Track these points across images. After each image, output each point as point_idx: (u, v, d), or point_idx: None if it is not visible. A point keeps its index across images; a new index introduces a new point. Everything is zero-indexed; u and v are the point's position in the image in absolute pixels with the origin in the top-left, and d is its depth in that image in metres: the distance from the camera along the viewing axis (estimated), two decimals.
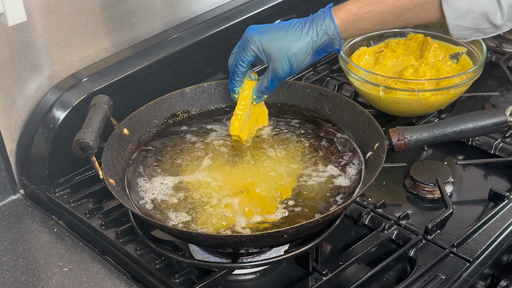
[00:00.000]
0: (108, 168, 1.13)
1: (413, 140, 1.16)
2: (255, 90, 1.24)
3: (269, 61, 1.19)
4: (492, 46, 1.75)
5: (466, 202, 1.31)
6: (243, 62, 1.20)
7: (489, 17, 1.15)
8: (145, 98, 1.30)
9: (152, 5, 1.49)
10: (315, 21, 1.17)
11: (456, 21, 1.17)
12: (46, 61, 1.34)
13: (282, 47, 1.16)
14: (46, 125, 1.32)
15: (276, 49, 1.16)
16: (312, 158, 1.21)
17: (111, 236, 1.20)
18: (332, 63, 1.69)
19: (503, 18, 1.15)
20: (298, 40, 1.16)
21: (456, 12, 1.15)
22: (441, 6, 1.15)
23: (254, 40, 1.17)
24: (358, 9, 1.16)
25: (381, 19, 1.17)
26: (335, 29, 1.16)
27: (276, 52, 1.17)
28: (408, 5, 1.16)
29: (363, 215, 1.23)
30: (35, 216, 1.30)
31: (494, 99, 1.54)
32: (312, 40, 1.16)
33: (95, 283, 1.14)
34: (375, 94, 1.44)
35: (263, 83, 1.22)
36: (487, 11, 1.14)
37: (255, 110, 1.27)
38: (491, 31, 1.18)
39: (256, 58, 1.20)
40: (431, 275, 1.10)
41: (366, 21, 1.17)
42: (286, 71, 1.18)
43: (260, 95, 1.24)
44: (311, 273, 1.12)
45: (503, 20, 1.15)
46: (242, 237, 1.01)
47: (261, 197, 1.13)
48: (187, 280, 1.11)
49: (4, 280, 1.15)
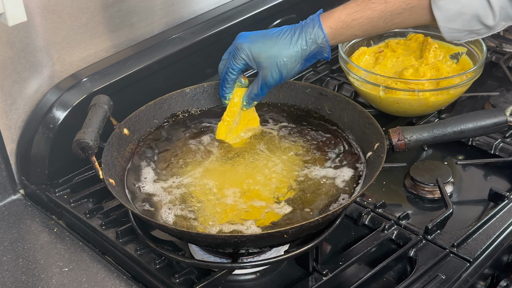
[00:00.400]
0: (108, 168, 1.13)
1: (413, 140, 1.16)
2: (245, 97, 1.25)
3: (259, 69, 1.19)
4: (492, 46, 1.75)
5: (466, 202, 1.31)
6: (233, 70, 1.21)
7: (481, 19, 1.14)
8: (145, 98, 1.30)
9: (152, 5, 1.49)
10: (304, 29, 1.16)
11: (447, 24, 1.16)
12: (46, 61, 1.34)
13: (271, 56, 1.17)
14: (46, 125, 1.32)
15: (266, 58, 1.17)
16: (312, 158, 1.21)
17: (111, 236, 1.20)
18: (332, 63, 1.69)
19: (495, 19, 1.14)
20: (288, 49, 1.16)
21: (447, 15, 1.15)
22: (431, 9, 1.15)
23: (244, 48, 1.17)
24: (346, 16, 1.16)
25: (370, 25, 1.17)
26: (324, 38, 1.16)
27: (266, 60, 1.17)
28: (397, 10, 1.16)
29: (363, 215, 1.23)
30: (35, 216, 1.30)
31: (494, 99, 1.53)
32: (302, 48, 1.16)
33: (95, 283, 1.14)
34: (375, 94, 1.44)
35: (253, 90, 1.23)
36: (478, 13, 1.14)
37: (245, 116, 1.28)
38: (485, 31, 1.18)
39: (246, 66, 1.21)
40: (431, 275, 1.10)
41: (355, 27, 1.17)
42: (275, 79, 1.19)
43: (250, 101, 1.25)
44: (311, 273, 1.12)
45: (495, 21, 1.14)
46: (242, 237, 1.01)
47: (260, 196, 1.13)
48: (187, 280, 1.11)
49: (4, 280, 1.15)
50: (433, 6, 1.14)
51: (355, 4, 1.16)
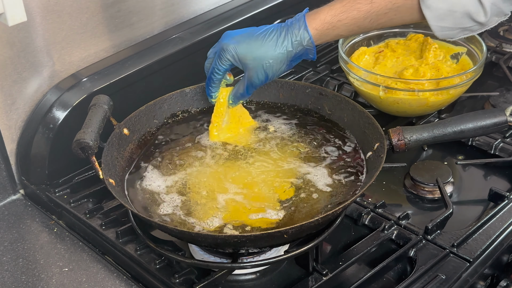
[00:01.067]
0: (108, 168, 1.13)
1: (413, 140, 1.16)
2: (231, 96, 1.25)
3: (245, 69, 1.20)
4: (492, 46, 1.75)
5: (466, 202, 1.31)
6: (219, 70, 1.21)
7: (472, 16, 1.14)
8: (145, 98, 1.30)
9: (152, 5, 1.49)
10: (290, 30, 1.16)
11: (438, 23, 1.16)
12: (46, 61, 1.34)
13: (257, 58, 1.17)
14: (46, 125, 1.32)
15: (252, 59, 1.17)
16: (312, 158, 1.21)
17: (111, 236, 1.20)
18: (332, 63, 1.69)
19: (487, 16, 1.14)
20: (274, 51, 1.16)
21: (437, 14, 1.14)
22: (419, 8, 1.15)
23: (229, 49, 1.17)
24: (332, 17, 1.16)
25: (355, 25, 1.17)
26: (310, 40, 1.16)
27: (252, 62, 1.17)
28: (383, 10, 1.16)
29: (363, 215, 1.23)
30: (35, 216, 1.31)
31: (494, 99, 1.53)
32: (287, 50, 1.17)
33: (95, 283, 1.14)
34: (375, 94, 1.44)
35: (239, 90, 1.23)
36: (468, 10, 1.13)
37: (234, 113, 1.28)
38: (478, 28, 1.17)
39: (232, 66, 1.21)
40: (431, 275, 1.10)
41: (340, 28, 1.17)
42: (261, 79, 1.20)
43: (236, 100, 1.25)
44: (311, 273, 1.12)
45: (487, 17, 1.14)
46: (242, 237, 1.01)
47: (260, 196, 1.13)
48: (187, 280, 1.11)
49: (4, 280, 1.15)
50: (422, 6, 1.14)
51: (340, 5, 1.16)
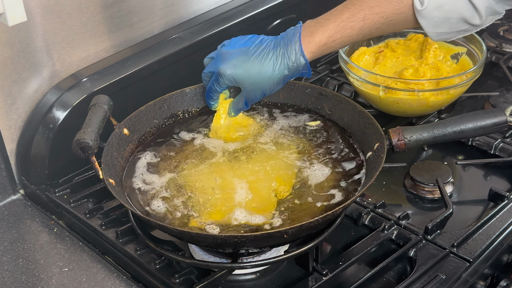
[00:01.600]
0: (108, 168, 1.13)
1: (413, 140, 1.16)
2: (231, 109, 1.30)
3: (243, 89, 1.24)
4: (492, 46, 1.75)
5: (466, 202, 1.31)
6: (216, 91, 1.26)
7: (467, 20, 1.17)
8: (145, 98, 1.30)
9: (152, 5, 1.49)
10: (286, 55, 1.19)
11: (434, 29, 1.19)
12: (46, 61, 1.34)
13: (255, 82, 1.21)
14: (46, 125, 1.32)
15: (249, 84, 1.22)
16: (312, 158, 1.21)
17: (111, 236, 1.20)
18: (332, 63, 1.69)
19: (482, 18, 1.16)
20: (271, 76, 1.20)
21: (432, 22, 1.17)
22: (412, 18, 1.17)
23: (227, 75, 1.21)
24: (327, 39, 1.19)
25: (349, 42, 1.21)
26: (306, 64, 1.19)
27: (250, 85, 1.22)
28: (376, 25, 1.18)
29: (363, 215, 1.23)
30: (35, 216, 1.31)
31: (494, 99, 1.53)
32: (284, 74, 1.20)
33: (95, 283, 1.14)
34: (375, 94, 1.44)
35: (238, 104, 1.28)
36: (463, 16, 1.16)
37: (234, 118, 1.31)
38: (473, 29, 1.20)
39: (228, 87, 1.25)
40: (431, 275, 1.10)
41: (334, 47, 1.21)
42: (259, 98, 1.25)
43: (236, 112, 1.30)
44: (311, 273, 1.12)
45: (481, 20, 1.17)
46: (242, 237, 1.01)
47: (260, 196, 1.13)
48: (187, 280, 1.11)
49: (4, 280, 1.15)
50: (418, 16, 1.16)
51: (334, 25, 1.18)
